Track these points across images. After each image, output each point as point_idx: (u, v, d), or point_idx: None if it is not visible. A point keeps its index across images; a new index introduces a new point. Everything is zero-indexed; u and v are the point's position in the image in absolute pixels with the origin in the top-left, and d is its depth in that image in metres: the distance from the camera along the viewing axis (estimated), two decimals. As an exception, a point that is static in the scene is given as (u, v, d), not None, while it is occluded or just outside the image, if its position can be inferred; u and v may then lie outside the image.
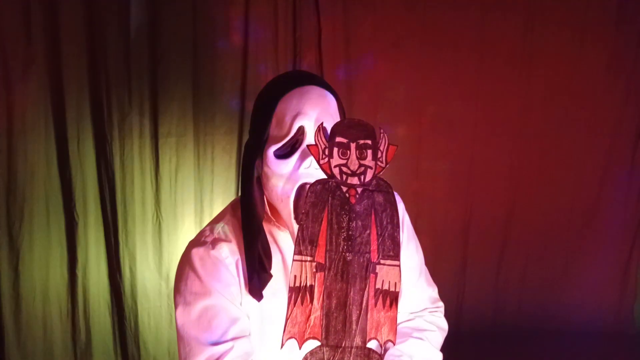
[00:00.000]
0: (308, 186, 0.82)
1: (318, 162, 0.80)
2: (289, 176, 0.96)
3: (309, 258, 0.78)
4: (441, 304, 1.24)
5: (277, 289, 1.02)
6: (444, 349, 1.19)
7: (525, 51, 2.35)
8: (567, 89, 2.41)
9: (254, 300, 1.01)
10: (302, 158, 0.94)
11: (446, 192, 2.43)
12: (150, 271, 2.18)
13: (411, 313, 1.19)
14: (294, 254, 0.78)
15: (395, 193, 1.19)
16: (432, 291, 1.24)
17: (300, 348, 0.78)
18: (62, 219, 2.13)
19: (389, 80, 2.31)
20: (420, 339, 1.12)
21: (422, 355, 1.09)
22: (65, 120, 2.06)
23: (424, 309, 1.20)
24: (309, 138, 0.94)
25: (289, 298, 0.77)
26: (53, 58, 2.03)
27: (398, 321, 1.18)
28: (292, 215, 0.96)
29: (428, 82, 2.34)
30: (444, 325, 1.22)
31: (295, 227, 0.96)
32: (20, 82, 2.01)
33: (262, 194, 1.02)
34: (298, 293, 0.77)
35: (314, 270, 0.78)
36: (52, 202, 2.11)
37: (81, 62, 2.05)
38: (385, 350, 1.08)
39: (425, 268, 1.24)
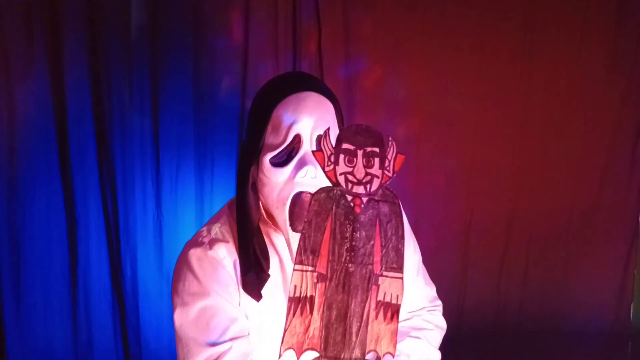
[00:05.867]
0: (311, 194, 0.79)
1: (323, 169, 0.76)
2: (284, 184, 0.96)
3: (310, 268, 0.75)
4: (439, 302, 1.24)
5: (274, 289, 1.02)
6: (446, 349, 1.19)
7: (525, 51, 2.35)
8: (567, 89, 2.40)
9: (252, 300, 1.01)
10: (298, 167, 0.94)
11: (446, 193, 2.43)
12: (151, 270, 2.19)
13: (409, 312, 1.19)
14: (295, 263, 0.76)
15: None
16: (430, 290, 1.24)
17: (298, 359, 0.78)
18: (64, 218, 2.13)
19: (389, 80, 2.31)
20: (418, 337, 1.12)
21: (419, 354, 1.09)
22: (67, 119, 2.07)
23: (422, 308, 1.20)
24: (305, 146, 0.94)
25: (288, 308, 0.75)
26: (54, 58, 2.03)
27: (395, 320, 1.18)
28: (287, 222, 0.96)
29: (428, 81, 2.34)
30: (443, 324, 1.22)
31: (290, 233, 0.96)
32: (22, 82, 2.01)
33: (257, 199, 1.02)
34: (298, 303, 0.75)
35: (315, 280, 0.76)
36: (53, 201, 2.11)
37: (82, 62, 2.05)
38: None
39: (423, 267, 1.24)
